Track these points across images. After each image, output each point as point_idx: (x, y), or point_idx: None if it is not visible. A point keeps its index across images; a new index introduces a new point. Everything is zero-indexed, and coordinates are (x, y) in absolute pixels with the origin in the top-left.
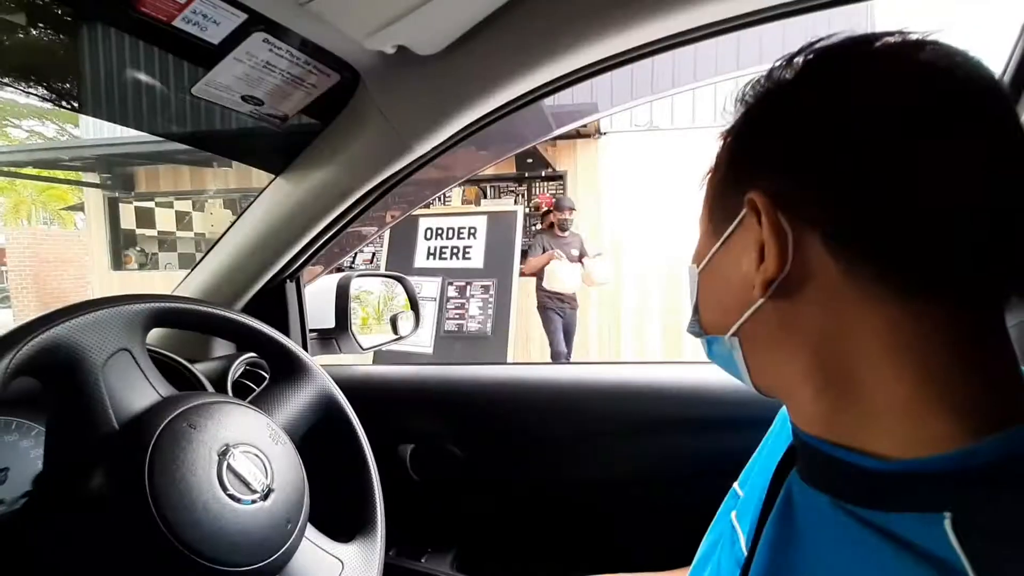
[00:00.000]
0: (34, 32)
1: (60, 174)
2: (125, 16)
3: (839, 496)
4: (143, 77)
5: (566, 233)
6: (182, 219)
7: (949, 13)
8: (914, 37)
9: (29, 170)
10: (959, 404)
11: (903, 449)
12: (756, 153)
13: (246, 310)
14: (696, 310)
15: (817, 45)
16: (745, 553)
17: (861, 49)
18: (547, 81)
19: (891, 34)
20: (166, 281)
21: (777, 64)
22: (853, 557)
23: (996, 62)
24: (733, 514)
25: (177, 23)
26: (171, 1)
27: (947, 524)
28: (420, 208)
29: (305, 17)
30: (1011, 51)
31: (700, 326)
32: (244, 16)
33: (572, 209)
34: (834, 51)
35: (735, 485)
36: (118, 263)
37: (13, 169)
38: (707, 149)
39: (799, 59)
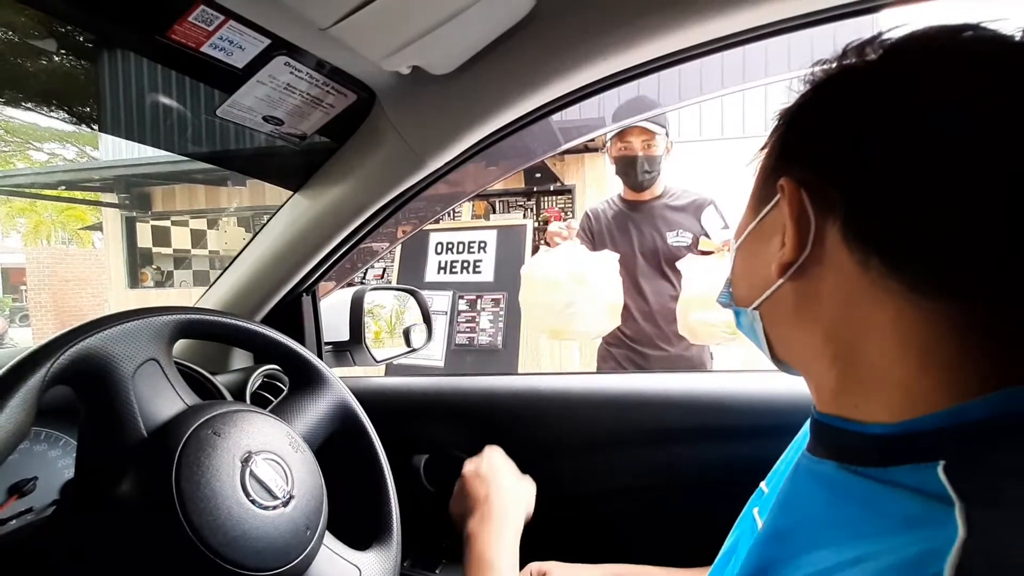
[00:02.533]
0: (64, 58)
1: (80, 194)
2: (154, 42)
3: (843, 460)
4: (169, 99)
5: (648, 194)
6: (197, 237)
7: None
8: (986, 33)
9: (50, 191)
10: (961, 387)
11: (901, 415)
12: (797, 141)
13: (264, 323)
14: (729, 282)
15: (885, 38)
16: None
17: (921, 47)
18: (556, 97)
19: (967, 28)
20: (181, 298)
21: (847, 52)
22: (848, 500)
23: None
24: (755, 510)
25: (205, 49)
26: (200, 29)
27: (939, 469)
28: (431, 223)
29: (325, 41)
30: None
31: (731, 297)
32: (268, 41)
33: (651, 133)
34: (896, 48)
35: (762, 484)
36: (135, 281)
37: (35, 191)
38: (713, 162)
39: (866, 51)
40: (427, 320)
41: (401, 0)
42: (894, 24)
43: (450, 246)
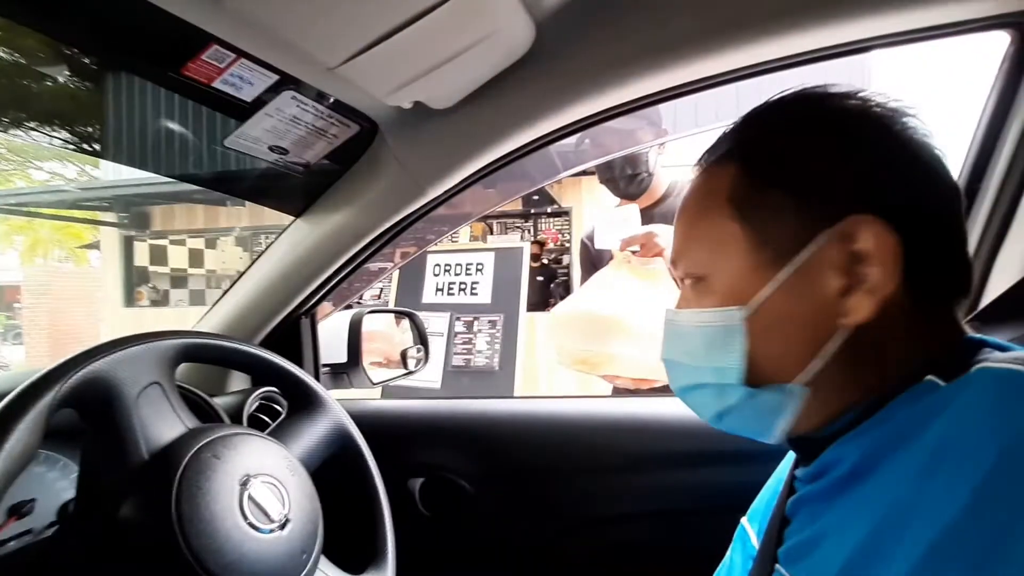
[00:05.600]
0: (69, 80)
1: (79, 213)
2: (167, 78)
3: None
4: (174, 127)
5: (647, 200)
6: (195, 257)
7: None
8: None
9: (49, 210)
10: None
11: None
12: (833, 183)
13: (263, 345)
14: (745, 360)
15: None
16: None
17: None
18: (551, 131)
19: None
20: (177, 318)
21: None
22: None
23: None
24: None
25: (216, 84)
26: (212, 66)
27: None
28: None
29: (332, 78)
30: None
31: (743, 379)
32: (276, 77)
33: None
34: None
35: (743, 520)
36: (131, 300)
37: (34, 209)
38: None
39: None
40: (424, 343)
41: (405, 42)
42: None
43: (447, 268)
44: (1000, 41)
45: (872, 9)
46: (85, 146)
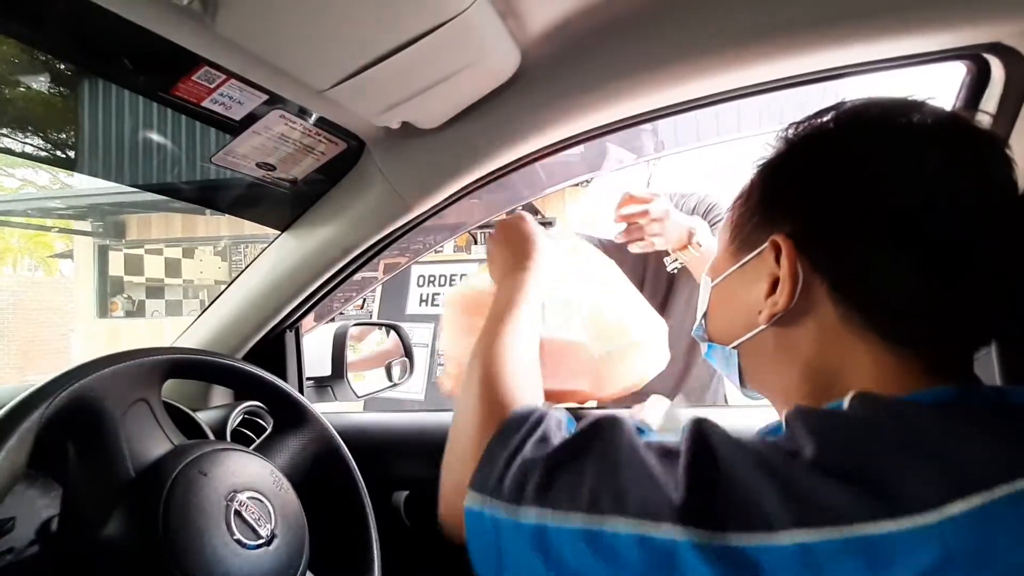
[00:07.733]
0: (58, 97)
1: (52, 222)
2: (157, 97)
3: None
4: (162, 141)
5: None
6: (172, 266)
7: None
8: (943, 112)
9: (21, 218)
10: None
11: None
12: (787, 198)
13: (247, 359)
14: (704, 316)
15: (856, 105)
16: None
17: (896, 121)
18: (536, 149)
19: (917, 105)
20: (152, 329)
21: (822, 114)
22: None
23: None
24: None
25: (205, 104)
26: (202, 86)
27: None
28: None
29: (321, 100)
30: None
31: (705, 332)
32: (265, 97)
33: None
34: (874, 119)
35: None
36: (104, 311)
37: (5, 218)
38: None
39: (838, 116)
40: (409, 355)
41: (393, 68)
42: (857, 92)
43: (432, 279)
44: (957, 72)
45: (838, 41)
46: (63, 157)
